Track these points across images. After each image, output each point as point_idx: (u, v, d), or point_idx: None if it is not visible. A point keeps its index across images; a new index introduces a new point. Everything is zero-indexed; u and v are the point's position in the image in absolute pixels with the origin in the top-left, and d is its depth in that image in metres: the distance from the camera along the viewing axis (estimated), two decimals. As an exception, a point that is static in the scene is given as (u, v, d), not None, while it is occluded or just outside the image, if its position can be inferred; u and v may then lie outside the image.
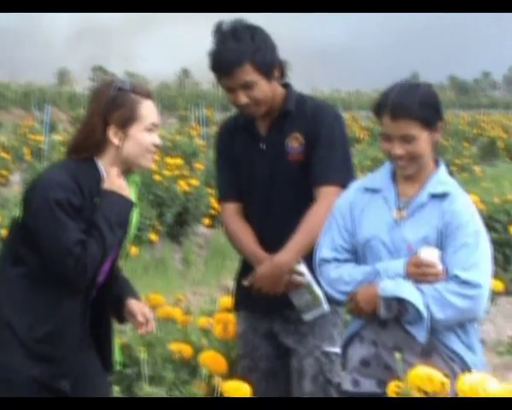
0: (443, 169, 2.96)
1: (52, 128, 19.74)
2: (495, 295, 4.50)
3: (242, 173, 3.44)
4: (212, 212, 11.06)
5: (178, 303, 4.27)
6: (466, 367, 2.79)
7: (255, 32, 3.29)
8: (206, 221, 11.03)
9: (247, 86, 3.26)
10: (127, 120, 2.84)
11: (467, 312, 2.78)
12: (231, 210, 3.45)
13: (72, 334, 2.85)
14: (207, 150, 16.11)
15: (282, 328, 3.41)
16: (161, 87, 55.64)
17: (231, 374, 3.38)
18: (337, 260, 2.97)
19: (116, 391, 3.16)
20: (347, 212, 2.98)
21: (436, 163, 2.97)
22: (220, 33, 3.29)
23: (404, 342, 2.83)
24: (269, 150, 3.39)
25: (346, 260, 2.96)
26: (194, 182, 10.91)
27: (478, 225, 2.87)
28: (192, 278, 9.41)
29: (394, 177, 2.96)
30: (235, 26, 3.28)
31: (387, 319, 2.85)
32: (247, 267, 3.40)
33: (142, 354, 3.27)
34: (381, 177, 2.99)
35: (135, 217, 3.00)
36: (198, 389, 3.20)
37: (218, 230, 10.85)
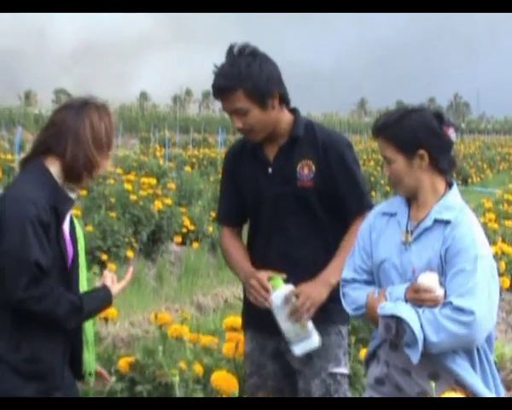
0: (453, 192, 2.97)
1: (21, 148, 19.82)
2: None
3: (249, 195, 3.48)
4: (184, 230, 11.34)
5: (184, 322, 4.36)
6: (476, 394, 2.83)
7: (254, 59, 3.23)
8: (178, 239, 11.22)
9: (240, 112, 3.24)
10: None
11: (461, 337, 2.76)
12: (229, 233, 3.56)
13: (58, 347, 2.84)
14: (174, 171, 16.40)
15: (289, 349, 3.45)
16: (122, 109, 55.89)
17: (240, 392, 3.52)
18: (356, 280, 3.05)
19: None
20: (367, 234, 3.07)
21: (449, 186, 2.99)
22: (226, 57, 3.26)
23: (412, 365, 2.84)
24: (276, 175, 3.40)
25: (364, 281, 3.05)
26: (168, 201, 11.12)
27: (479, 250, 2.82)
28: (165, 294, 9.54)
29: (408, 201, 3.02)
30: (237, 52, 3.24)
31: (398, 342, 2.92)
32: None
33: (175, 378, 3.47)
34: (397, 201, 3.05)
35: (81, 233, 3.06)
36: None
37: (189, 248, 11.14)
